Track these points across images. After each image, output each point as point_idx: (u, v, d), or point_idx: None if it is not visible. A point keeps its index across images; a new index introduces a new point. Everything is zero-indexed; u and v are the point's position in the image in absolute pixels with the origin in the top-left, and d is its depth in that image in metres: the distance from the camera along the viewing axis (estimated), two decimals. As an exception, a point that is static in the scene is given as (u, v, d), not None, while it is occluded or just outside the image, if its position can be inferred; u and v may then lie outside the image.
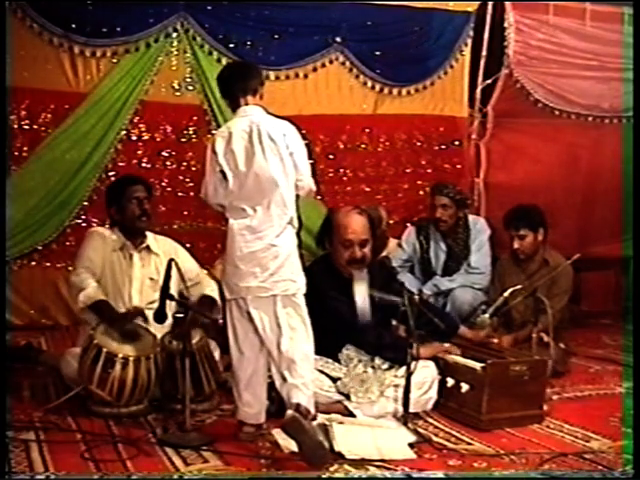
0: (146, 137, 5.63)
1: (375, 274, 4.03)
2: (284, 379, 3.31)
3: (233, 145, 3.36)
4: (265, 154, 3.34)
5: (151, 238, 4.17)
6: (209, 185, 3.45)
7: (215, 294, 4.04)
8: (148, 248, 4.12)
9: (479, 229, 5.56)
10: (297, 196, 3.45)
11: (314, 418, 3.39)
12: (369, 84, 6.13)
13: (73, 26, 5.29)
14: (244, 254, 3.33)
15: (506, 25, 6.16)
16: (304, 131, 3.64)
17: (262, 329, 3.34)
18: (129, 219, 4.06)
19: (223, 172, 3.38)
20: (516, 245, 4.90)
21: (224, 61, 5.62)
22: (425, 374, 3.84)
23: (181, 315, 3.59)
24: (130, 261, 4.07)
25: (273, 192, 3.34)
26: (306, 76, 5.93)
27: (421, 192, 6.33)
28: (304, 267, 3.48)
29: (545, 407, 3.87)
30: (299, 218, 3.45)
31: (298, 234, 3.46)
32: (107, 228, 4.19)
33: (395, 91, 6.21)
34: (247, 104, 3.45)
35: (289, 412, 3.20)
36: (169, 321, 3.71)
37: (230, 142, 3.37)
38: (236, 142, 3.36)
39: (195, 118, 5.72)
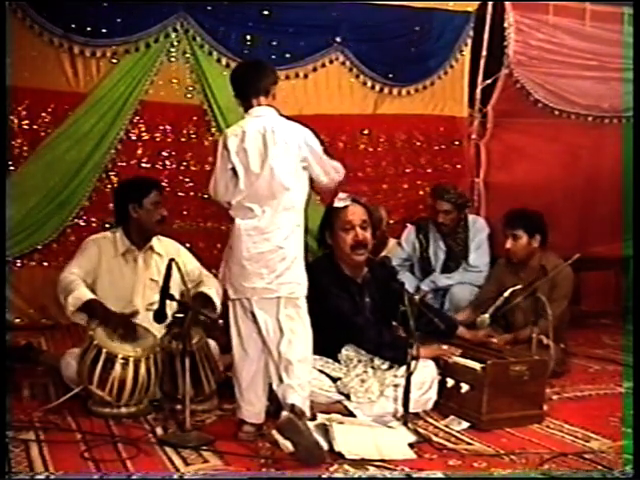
0: (146, 137, 5.63)
1: (376, 274, 4.03)
2: (281, 380, 3.32)
3: (246, 144, 3.36)
4: (278, 157, 3.34)
5: (155, 239, 4.15)
6: (219, 182, 3.45)
7: (213, 293, 4.03)
8: (152, 249, 4.12)
9: (478, 228, 5.58)
10: (307, 200, 3.46)
11: (313, 418, 3.41)
12: (369, 84, 6.13)
13: (73, 26, 5.30)
14: (251, 254, 3.33)
15: (506, 25, 6.16)
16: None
17: (265, 330, 3.35)
18: (149, 222, 4.03)
19: (234, 170, 3.38)
20: (508, 245, 4.79)
21: (224, 61, 5.64)
22: (425, 374, 3.83)
23: (181, 315, 3.59)
24: (134, 264, 4.06)
25: (283, 195, 3.35)
26: (306, 76, 5.93)
27: (421, 192, 6.34)
28: (305, 266, 3.48)
29: (545, 407, 3.87)
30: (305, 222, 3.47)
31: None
32: (109, 232, 4.15)
33: (395, 91, 6.21)
34: (260, 104, 3.44)
35: (284, 413, 3.22)
36: (169, 321, 3.71)
37: (243, 141, 3.37)
38: (249, 142, 3.36)
39: (195, 118, 5.72)
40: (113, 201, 4.29)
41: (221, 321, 4.27)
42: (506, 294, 4.34)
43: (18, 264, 5.45)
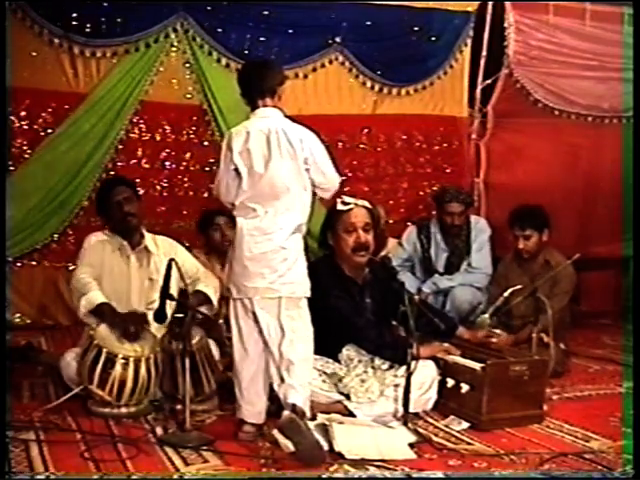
0: (146, 137, 5.64)
1: (376, 274, 4.03)
2: (282, 380, 3.32)
3: (250, 145, 3.36)
4: (282, 158, 3.34)
5: (149, 238, 4.15)
6: (222, 182, 3.46)
7: (210, 291, 4.03)
8: (146, 249, 4.12)
9: (480, 229, 5.60)
10: (313, 202, 3.47)
11: (313, 418, 3.41)
12: (368, 84, 6.13)
13: (73, 26, 5.29)
14: (254, 254, 3.33)
15: (506, 25, 6.16)
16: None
17: (267, 330, 3.35)
18: (116, 222, 4.07)
19: (237, 170, 3.38)
20: (521, 245, 4.88)
21: (224, 61, 5.64)
22: (425, 374, 3.84)
23: (181, 315, 3.59)
24: (128, 262, 4.07)
25: (285, 196, 3.35)
26: (306, 76, 5.93)
27: (421, 192, 6.35)
28: (306, 266, 3.48)
29: (545, 407, 3.87)
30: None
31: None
32: (103, 232, 4.15)
33: (395, 91, 6.21)
34: (265, 105, 3.44)
35: (285, 413, 3.22)
36: (169, 321, 3.71)
37: (247, 142, 3.36)
38: (253, 143, 3.36)
39: (195, 118, 5.73)
40: None
41: (221, 321, 4.27)
42: (506, 294, 4.34)
43: (18, 264, 5.45)
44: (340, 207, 3.89)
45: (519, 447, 3.42)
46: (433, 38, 6.19)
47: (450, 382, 3.85)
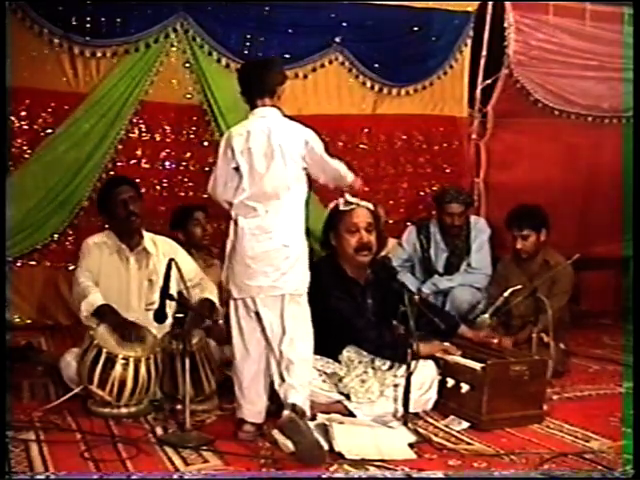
0: (146, 137, 5.63)
1: (378, 275, 4.03)
2: (282, 379, 3.33)
3: (251, 144, 3.37)
4: (282, 158, 3.36)
5: (148, 239, 4.15)
6: (219, 180, 3.46)
7: (215, 297, 4.04)
8: (145, 250, 4.12)
9: (479, 229, 5.60)
10: (307, 200, 3.48)
11: (313, 418, 3.41)
12: (368, 84, 6.12)
13: (73, 26, 5.29)
14: (256, 253, 3.34)
15: (506, 25, 6.16)
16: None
17: (269, 329, 3.36)
18: (118, 222, 4.07)
19: (237, 169, 3.39)
20: (519, 245, 4.90)
21: (224, 61, 5.63)
22: (425, 374, 3.84)
23: (181, 315, 3.59)
24: (127, 264, 4.07)
25: (285, 194, 3.36)
26: (306, 76, 5.91)
27: (421, 192, 6.34)
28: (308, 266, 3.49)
29: (545, 407, 3.87)
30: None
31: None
32: (101, 234, 4.16)
33: (394, 91, 6.20)
34: (264, 105, 3.44)
35: (285, 412, 3.23)
36: (169, 321, 3.71)
37: (248, 141, 3.37)
38: (254, 142, 3.37)
39: (195, 118, 5.72)
40: None
41: (221, 322, 4.27)
42: (506, 294, 4.35)
43: (18, 264, 5.45)
44: (342, 207, 3.89)
45: (519, 447, 3.43)
46: (433, 38, 6.19)
47: (450, 382, 3.86)
